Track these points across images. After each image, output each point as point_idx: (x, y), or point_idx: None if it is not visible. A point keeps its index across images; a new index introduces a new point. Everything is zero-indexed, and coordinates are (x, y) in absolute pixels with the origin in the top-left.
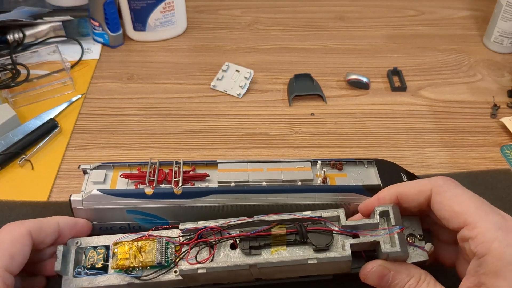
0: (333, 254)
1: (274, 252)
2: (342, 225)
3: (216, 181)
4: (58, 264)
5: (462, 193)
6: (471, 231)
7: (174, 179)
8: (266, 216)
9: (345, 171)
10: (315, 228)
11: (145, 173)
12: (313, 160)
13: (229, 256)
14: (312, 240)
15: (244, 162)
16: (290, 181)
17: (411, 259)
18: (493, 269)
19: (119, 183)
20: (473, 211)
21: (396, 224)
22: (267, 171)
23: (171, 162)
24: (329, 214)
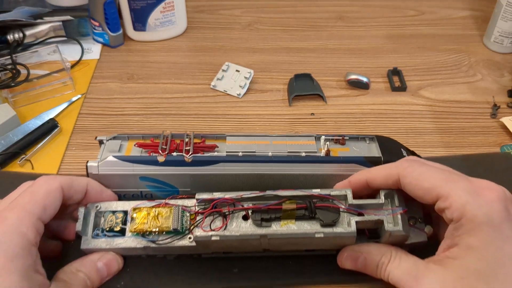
0: (339, 230)
1: (284, 225)
2: (349, 203)
3: (225, 151)
4: (79, 225)
5: (427, 170)
6: (445, 202)
7: (185, 148)
8: (278, 191)
9: (347, 145)
10: (323, 205)
11: (158, 143)
12: (317, 136)
13: (241, 226)
14: (320, 216)
15: (251, 136)
16: (295, 152)
17: (411, 240)
18: (467, 229)
19: (133, 151)
20: (442, 184)
21: (399, 205)
22: (273, 143)
23: (183, 134)
24: (337, 192)
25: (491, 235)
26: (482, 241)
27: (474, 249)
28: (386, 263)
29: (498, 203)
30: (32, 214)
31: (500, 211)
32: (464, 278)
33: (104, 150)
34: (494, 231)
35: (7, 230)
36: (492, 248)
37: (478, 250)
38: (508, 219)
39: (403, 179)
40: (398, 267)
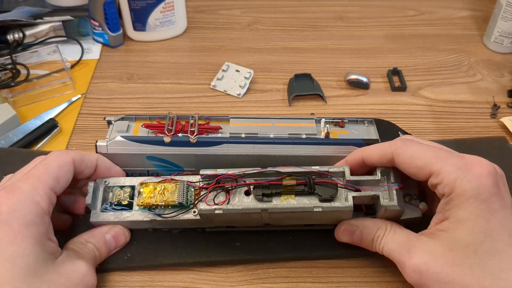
0: (337, 204)
1: (284, 200)
2: (347, 179)
3: (228, 133)
4: (88, 198)
5: (419, 148)
6: (437, 178)
7: (190, 130)
8: (278, 168)
9: (346, 128)
10: (322, 181)
11: (164, 124)
12: (317, 118)
13: (243, 201)
14: (318, 191)
15: (254, 118)
16: (296, 134)
17: (406, 215)
18: (456, 203)
19: (141, 132)
20: (433, 161)
21: (395, 182)
22: (275, 126)
23: (188, 116)
24: (336, 169)
25: (479, 208)
26: (470, 214)
27: (462, 222)
28: (381, 236)
29: (487, 177)
30: (45, 184)
31: (489, 185)
32: (452, 249)
33: (112, 130)
34: (482, 204)
35: (22, 199)
36: (480, 220)
37: (466, 222)
38: (497, 194)
39: (397, 158)
40: (392, 240)
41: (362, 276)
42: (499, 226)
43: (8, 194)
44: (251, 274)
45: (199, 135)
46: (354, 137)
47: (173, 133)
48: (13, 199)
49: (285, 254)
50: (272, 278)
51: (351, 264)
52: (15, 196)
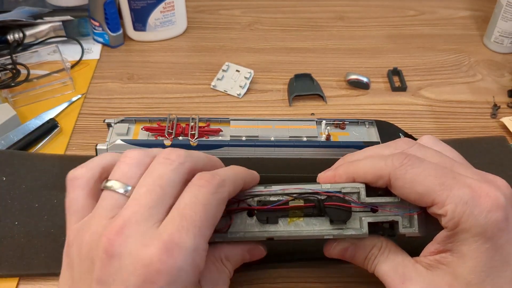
0: (350, 232)
1: (291, 222)
2: (362, 202)
3: (229, 135)
4: None
5: (422, 171)
6: (440, 209)
7: (191, 132)
8: (284, 188)
9: (347, 130)
10: (333, 204)
11: (164, 127)
12: (318, 120)
13: (247, 223)
14: (330, 215)
15: (254, 120)
16: (296, 137)
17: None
18: (461, 239)
19: (141, 135)
20: (437, 189)
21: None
22: (276, 128)
23: (188, 118)
24: (349, 190)
25: (484, 246)
26: (474, 252)
27: (466, 259)
28: (375, 254)
29: (496, 212)
30: (205, 237)
31: (497, 221)
32: (453, 286)
33: (112, 133)
34: (488, 242)
35: (183, 266)
36: (483, 259)
37: (469, 260)
38: (504, 229)
39: (395, 182)
40: (386, 261)
41: (362, 276)
42: (502, 262)
43: (167, 257)
44: (251, 274)
45: (200, 138)
46: (355, 139)
47: (173, 136)
48: (174, 266)
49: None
50: (272, 278)
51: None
52: (175, 261)
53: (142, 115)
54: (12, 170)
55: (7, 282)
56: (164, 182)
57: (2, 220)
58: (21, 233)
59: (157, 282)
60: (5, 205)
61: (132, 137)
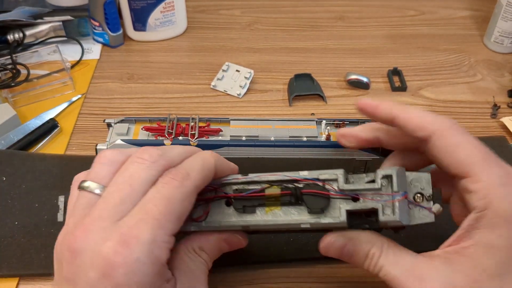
0: (327, 220)
1: (269, 211)
2: (341, 189)
3: (229, 135)
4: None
5: (468, 141)
6: (473, 184)
7: (191, 132)
8: (261, 176)
9: None
10: (310, 191)
11: (164, 127)
12: (318, 120)
13: (224, 213)
14: (307, 203)
15: (254, 120)
16: (296, 137)
17: (415, 220)
18: (489, 224)
19: (141, 135)
20: (478, 161)
21: (399, 190)
22: (276, 128)
23: (188, 118)
24: (327, 176)
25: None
26: (504, 241)
27: (493, 250)
28: (377, 255)
29: None
30: (166, 230)
31: None
32: (477, 281)
33: (112, 133)
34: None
35: (141, 257)
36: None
37: (497, 252)
38: None
39: (438, 140)
40: (394, 264)
41: (362, 276)
42: None
43: (124, 249)
44: (251, 274)
45: (200, 138)
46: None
47: (173, 136)
48: (130, 257)
49: (287, 257)
50: (272, 278)
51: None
52: (132, 253)
53: (142, 115)
54: (12, 170)
55: (7, 282)
56: (134, 181)
57: (2, 220)
58: (21, 233)
59: (114, 275)
60: (5, 205)
61: (132, 137)
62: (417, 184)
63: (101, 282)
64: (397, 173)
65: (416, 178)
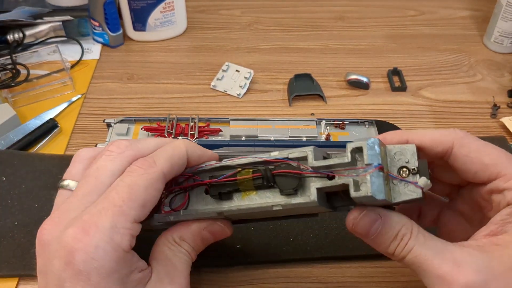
0: (298, 200)
1: (245, 196)
2: (311, 166)
3: (229, 135)
4: None
5: (486, 144)
6: (507, 182)
7: (191, 132)
8: (234, 160)
9: (347, 130)
10: (281, 171)
11: (164, 127)
12: (318, 120)
13: (203, 201)
14: (279, 184)
15: (254, 120)
16: (296, 137)
17: (400, 197)
18: None
19: (140, 135)
20: (505, 161)
21: (372, 162)
22: (275, 128)
23: (188, 118)
24: (297, 154)
25: None
26: None
27: None
28: (408, 236)
29: None
30: (128, 217)
31: None
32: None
33: (112, 133)
34: None
35: (100, 244)
36: None
37: None
38: None
39: (459, 149)
40: (426, 246)
41: (362, 276)
42: None
43: (83, 236)
44: (251, 274)
45: (200, 138)
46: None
47: (173, 136)
48: (89, 244)
49: (287, 257)
50: (272, 278)
51: (351, 264)
52: (91, 239)
53: (142, 115)
54: (12, 170)
55: (7, 282)
56: (100, 173)
57: (2, 220)
58: (21, 233)
59: (74, 262)
60: (5, 205)
61: (132, 137)
62: (401, 157)
63: (64, 270)
64: (368, 145)
65: (400, 151)
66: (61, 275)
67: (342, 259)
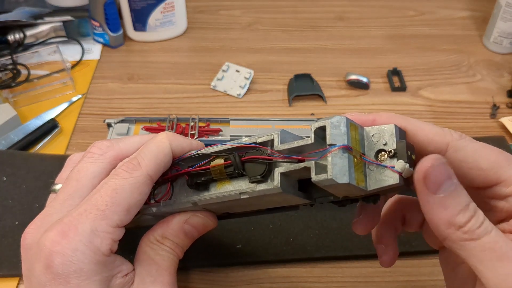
0: (262, 187)
1: (220, 186)
2: (276, 150)
3: (229, 135)
4: None
5: (482, 146)
6: (509, 187)
7: (191, 132)
8: (208, 148)
9: None
10: (250, 157)
11: (164, 127)
12: (318, 120)
13: (185, 192)
14: (247, 171)
15: (254, 120)
16: None
17: (376, 184)
18: None
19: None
20: (504, 165)
21: (334, 142)
22: (276, 128)
23: (188, 118)
24: (265, 138)
25: None
26: None
27: None
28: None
29: None
30: (110, 221)
31: None
32: None
33: (112, 133)
34: None
35: (79, 246)
36: None
37: None
38: None
39: (455, 153)
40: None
41: (362, 276)
42: None
43: (62, 239)
44: (251, 274)
45: (200, 137)
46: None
47: None
48: (68, 247)
49: (287, 257)
50: (272, 278)
51: (351, 264)
52: (70, 242)
53: (142, 115)
54: (12, 170)
55: (7, 282)
56: (81, 175)
57: (2, 220)
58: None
59: (53, 265)
60: (5, 205)
61: None
62: (380, 139)
63: (43, 274)
64: (331, 123)
65: (378, 132)
66: (41, 278)
67: (342, 259)
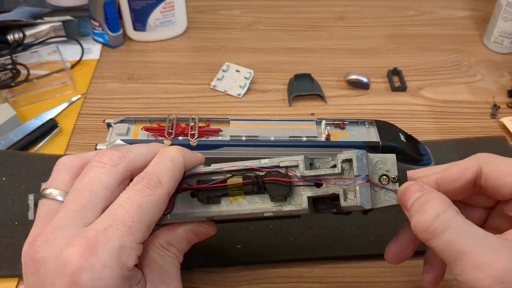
0: (290, 208)
1: (233, 201)
2: (302, 175)
3: (229, 135)
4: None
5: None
6: None
7: (191, 132)
8: (223, 166)
9: (347, 130)
10: (272, 179)
11: (164, 127)
12: (318, 120)
13: (189, 204)
14: (269, 191)
15: (254, 120)
16: (296, 137)
17: (380, 203)
18: None
19: (140, 135)
20: None
21: (360, 173)
22: (275, 128)
23: (188, 118)
24: (288, 163)
25: None
26: None
27: None
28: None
29: None
30: (135, 237)
31: None
32: None
33: (112, 133)
34: None
35: (107, 263)
36: None
37: None
38: None
39: (487, 167)
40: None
41: (362, 276)
42: None
43: (90, 255)
44: (251, 274)
45: (200, 138)
46: (355, 139)
47: (173, 136)
48: (97, 263)
49: (287, 257)
50: (272, 278)
51: (351, 264)
52: (99, 258)
53: (142, 115)
54: (12, 170)
55: (7, 282)
56: (93, 186)
57: (2, 220)
58: (21, 233)
59: (80, 281)
60: (5, 205)
61: (132, 137)
62: (382, 166)
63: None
64: (357, 157)
65: (381, 160)
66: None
67: (342, 259)
